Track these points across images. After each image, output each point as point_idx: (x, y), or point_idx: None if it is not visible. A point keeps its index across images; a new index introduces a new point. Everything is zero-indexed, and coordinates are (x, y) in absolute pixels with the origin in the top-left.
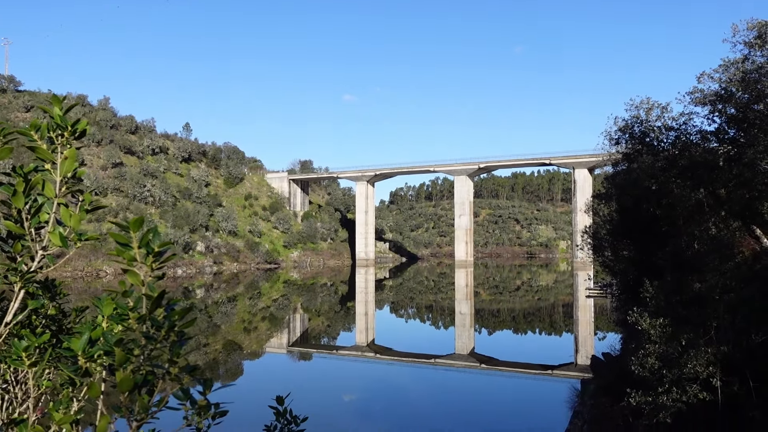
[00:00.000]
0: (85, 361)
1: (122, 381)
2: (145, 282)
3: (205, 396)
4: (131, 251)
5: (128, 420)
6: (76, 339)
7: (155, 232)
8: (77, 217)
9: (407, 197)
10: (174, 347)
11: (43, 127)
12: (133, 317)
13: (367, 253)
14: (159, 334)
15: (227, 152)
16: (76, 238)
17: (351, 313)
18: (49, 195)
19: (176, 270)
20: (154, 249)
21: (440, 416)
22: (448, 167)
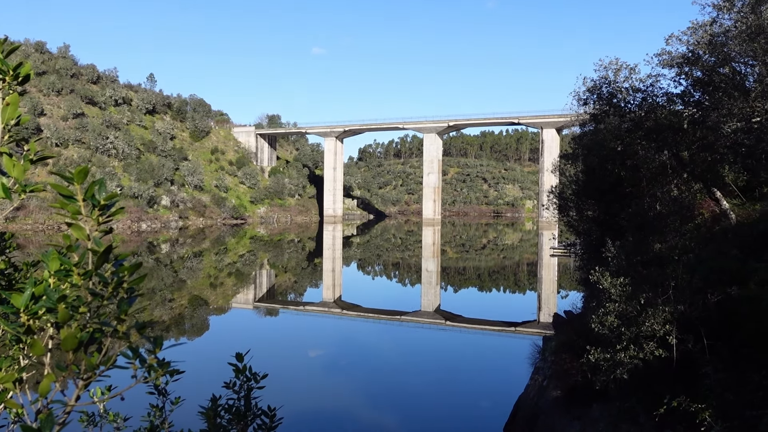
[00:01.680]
0: (27, 318)
1: (66, 339)
2: (90, 236)
3: (155, 354)
4: (75, 204)
5: (74, 379)
6: (17, 295)
7: (101, 183)
8: (21, 167)
9: (376, 154)
10: (122, 304)
11: None
12: (76, 273)
13: (335, 210)
14: (106, 290)
15: (193, 105)
16: (20, 189)
17: (318, 269)
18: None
19: (140, 224)
20: (99, 202)
21: (405, 372)
22: (418, 124)
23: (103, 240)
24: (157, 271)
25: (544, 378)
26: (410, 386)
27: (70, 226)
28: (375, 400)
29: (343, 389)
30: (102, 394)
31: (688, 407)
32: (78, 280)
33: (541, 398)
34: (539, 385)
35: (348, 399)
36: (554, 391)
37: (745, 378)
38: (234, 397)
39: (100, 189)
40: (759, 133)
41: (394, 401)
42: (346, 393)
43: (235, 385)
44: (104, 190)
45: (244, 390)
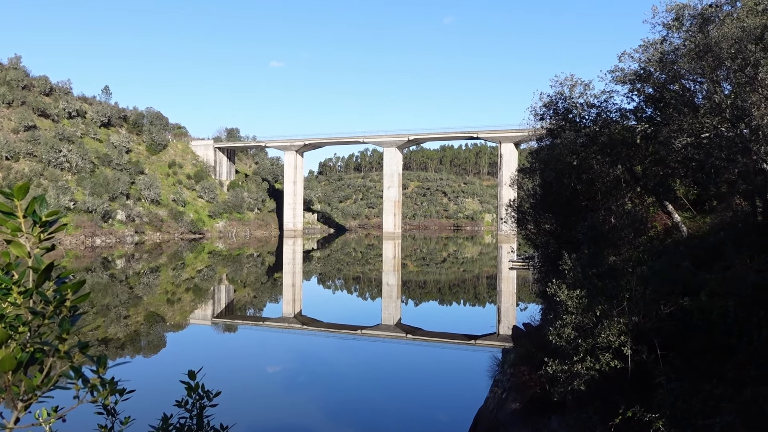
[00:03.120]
0: None
1: (4, 360)
2: (32, 254)
3: (98, 374)
4: (15, 220)
5: (13, 401)
6: None
7: (42, 200)
8: None
9: (336, 168)
10: (64, 323)
11: None
12: (15, 291)
13: (295, 224)
14: (47, 309)
15: (150, 117)
16: None
17: (278, 284)
18: None
19: (95, 239)
20: (41, 218)
21: (364, 386)
22: (378, 138)
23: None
24: (111, 287)
25: (503, 390)
26: (370, 400)
27: (9, 243)
28: (334, 415)
29: (301, 405)
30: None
31: (643, 417)
32: (18, 299)
33: (500, 410)
34: (498, 398)
35: (306, 415)
36: (513, 403)
37: (698, 387)
38: (186, 415)
39: (42, 205)
40: (708, 148)
41: (354, 416)
42: (304, 409)
43: (187, 404)
44: (45, 207)
45: (197, 408)
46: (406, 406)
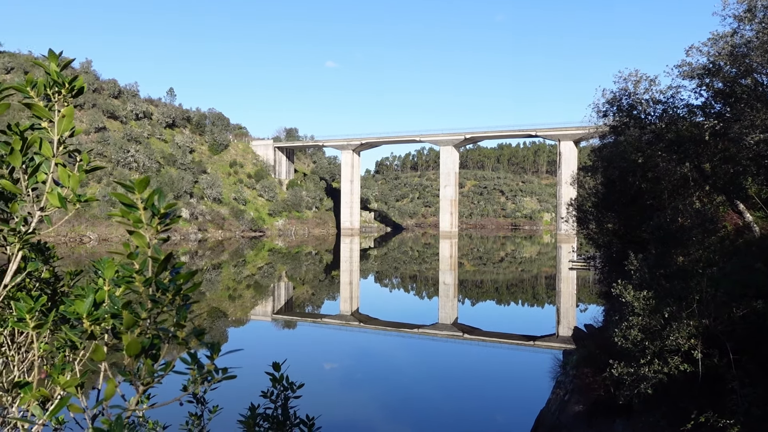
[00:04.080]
0: (90, 324)
1: (130, 345)
2: (150, 244)
3: (212, 361)
4: (137, 212)
5: (134, 384)
6: (80, 302)
7: (160, 193)
8: (76, 178)
9: (393, 167)
10: (180, 311)
11: (39, 84)
12: (138, 280)
13: (352, 223)
14: (165, 297)
15: (212, 118)
16: (75, 199)
17: (335, 282)
18: (47, 154)
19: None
20: (159, 210)
21: (422, 385)
22: (434, 137)
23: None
24: None
25: (565, 392)
26: (428, 399)
27: (132, 234)
28: (392, 413)
29: (358, 402)
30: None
31: (716, 423)
32: (140, 287)
33: (562, 413)
34: (561, 400)
35: (363, 412)
36: (576, 406)
37: None
38: (270, 406)
39: (160, 198)
40: None
41: (412, 414)
42: (363, 406)
43: (272, 395)
44: (163, 200)
45: (281, 399)
46: (464, 406)
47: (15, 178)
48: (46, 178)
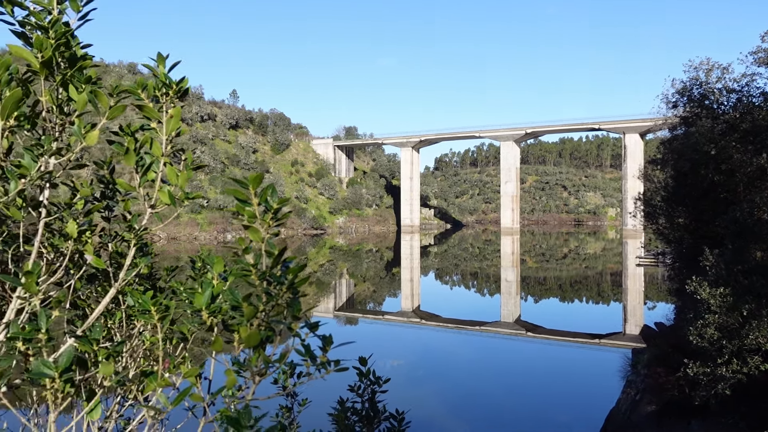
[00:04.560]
0: (208, 315)
1: (250, 336)
2: (264, 239)
3: (325, 352)
4: (251, 208)
5: (252, 375)
6: (199, 295)
7: (273, 189)
8: (185, 175)
9: (452, 163)
10: (294, 304)
11: (149, 86)
12: (254, 274)
13: (412, 220)
14: (279, 290)
15: (274, 119)
16: (183, 197)
17: (396, 279)
18: (156, 154)
19: (226, 235)
20: (272, 206)
21: (485, 382)
22: (494, 132)
23: (188, 250)
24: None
25: (636, 392)
26: (492, 397)
27: (248, 228)
28: (457, 410)
29: (421, 398)
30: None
31: None
32: (255, 280)
33: (633, 412)
34: (632, 399)
35: (426, 408)
36: (648, 406)
37: None
38: (357, 399)
39: (273, 194)
40: None
41: (475, 412)
42: (424, 402)
43: (359, 389)
44: (276, 196)
45: (368, 393)
46: (529, 404)
47: (112, 179)
48: (154, 176)
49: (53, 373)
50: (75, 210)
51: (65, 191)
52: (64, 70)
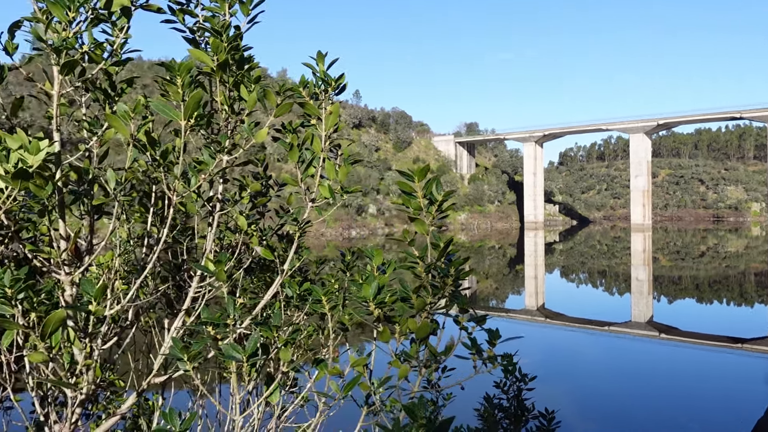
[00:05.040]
0: (375, 306)
1: (420, 328)
2: (429, 231)
3: (492, 347)
4: (416, 200)
5: (420, 367)
6: (367, 286)
7: (438, 181)
8: (344, 170)
9: (577, 158)
10: (459, 296)
11: (311, 84)
12: (421, 266)
13: (536, 216)
14: (444, 282)
15: (395, 117)
16: (341, 191)
17: (520, 276)
18: (316, 150)
19: (350, 231)
20: (437, 199)
21: (615, 385)
22: (623, 125)
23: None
24: None
25: None
26: (623, 399)
27: (413, 221)
28: (584, 410)
29: (548, 397)
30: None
31: None
32: (421, 272)
33: None
34: None
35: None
36: None
37: None
38: (502, 396)
39: (438, 187)
40: None
41: (606, 414)
42: (551, 401)
43: (504, 386)
44: (441, 188)
45: (514, 390)
46: (665, 410)
47: (266, 175)
48: (314, 171)
49: (241, 357)
50: (242, 204)
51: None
52: (234, 71)
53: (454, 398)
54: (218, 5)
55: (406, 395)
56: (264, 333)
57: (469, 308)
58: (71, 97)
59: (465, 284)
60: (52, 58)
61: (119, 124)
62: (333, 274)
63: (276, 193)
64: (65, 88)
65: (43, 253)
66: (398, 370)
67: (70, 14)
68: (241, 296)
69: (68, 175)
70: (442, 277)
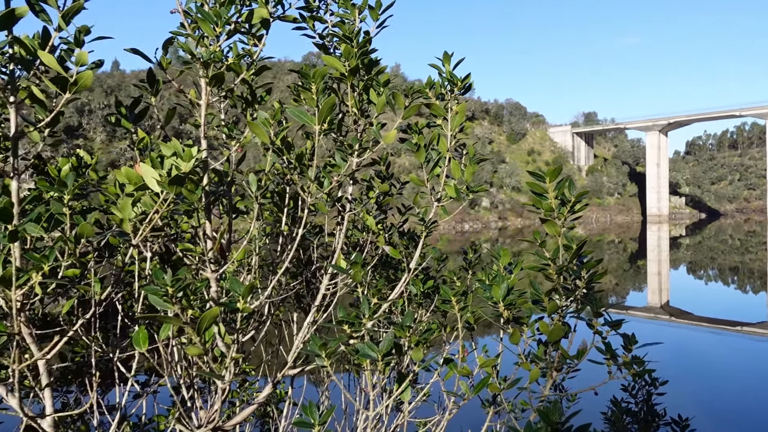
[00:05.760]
0: (504, 307)
1: (553, 331)
2: (561, 233)
3: (628, 352)
4: (548, 201)
5: (549, 372)
6: (496, 287)
7: (570, 182)
8: (470, 170)
9: (706, 147)
10: (595, 300)
11: (437, 85)
12: (552, 268)
13: (660, 209)
14: (575, 285)
15: (509, 109)
16: (466, 191)
17: (642, 272)
18: (442, 150)
19: (463, 225)
20: (570, 199)
21: (749, 389)
22: (759, 110)
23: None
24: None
25: None
26: (762, 409)
27: (544, 222)
28: (718, 419)
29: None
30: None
31: None
32: (553, 275)
33: None
34: None
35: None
36: None
37: None
38: (630, 400)
39: (570, 187)
40: None
41: (744, 423)
42: (675, 401)
43: (633, 389)
44: (573, 189)
45: (643, 395)
46: None
47: (388, 174)
48: (439, 171)
49: (377, 356)
50: (369, 204)
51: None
52: (362, 75)
53: (579, 400)
54: (348, 11)
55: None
56: (397, 333)
57: (604, 312)
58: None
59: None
60: (200, 72)
61: (260, 130)
62: (454, 271)
63: (398, 191)
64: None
65: (193, 252)
66: (528, 372)
67: (217, 29)
68: (374, 296)
69: (211, 178)
70: (574, 279)
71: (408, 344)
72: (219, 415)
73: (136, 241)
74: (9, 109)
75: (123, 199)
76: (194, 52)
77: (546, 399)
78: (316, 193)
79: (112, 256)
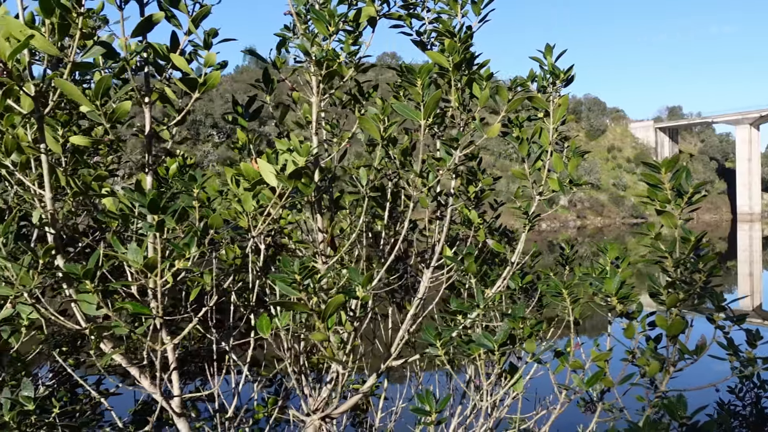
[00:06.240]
0: (617, 301)
1: (672, 325)
2: (678, 225)
3: (753, 348)
4: (664, 192)
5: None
6: (609, 280)
7: (688, 172)
8: (573, 163)
9: None
10: (713, 294)
11: (539, 78)
12: (670, 261)
13: (751, 207)
14: (692, 278)
15: (588, 104)
16: (569, 185)
17: (731, 273)
18: (544, 143)
19: (540, 224)
20: (687, 190)
21: None
22: None
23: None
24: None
25: None
26: None
27: (660, 213)
28: None
29: None
30: None
31: None
32: (670, 268)
33: None
34: None
35: None
36: None
37: None
38: (737, 402)
39: (687, 178)
40: None
41: None
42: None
43: (740, 391)
44: (690, 179)
45: (751, 397)
46: None
47: (478, 168)
48: (541, 165)
49: (493, 346)
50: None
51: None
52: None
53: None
54: (449, 7)
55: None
56: (510, 324)
57: (726, 306)
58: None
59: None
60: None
61: (371, 125)
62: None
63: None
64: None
65: (307, 245)
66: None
67: (330, 27)
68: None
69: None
70: (691, 272)
71: (521, 335)
72: (326, 403)
73: (256, 234)
74: (144, 109)
75: (243, 193)
76: (309, 50)
77: (662, 395)
78: (421, 187)
79: (216, 251)
